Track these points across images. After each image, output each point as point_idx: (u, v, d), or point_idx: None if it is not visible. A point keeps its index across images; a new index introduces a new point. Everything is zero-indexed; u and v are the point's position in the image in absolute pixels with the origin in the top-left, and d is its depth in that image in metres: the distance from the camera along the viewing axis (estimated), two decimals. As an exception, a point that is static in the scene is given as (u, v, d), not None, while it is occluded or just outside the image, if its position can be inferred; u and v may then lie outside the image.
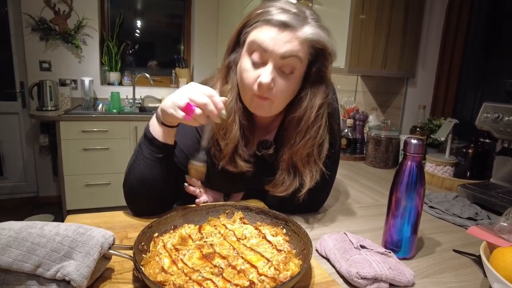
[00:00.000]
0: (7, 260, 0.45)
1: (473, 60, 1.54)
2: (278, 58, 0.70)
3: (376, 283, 0.59)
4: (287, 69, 0.72)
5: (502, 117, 1.03)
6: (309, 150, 0.77)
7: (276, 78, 0.72)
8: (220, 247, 0.61)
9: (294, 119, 0.78)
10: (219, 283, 0.51)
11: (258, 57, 0.72)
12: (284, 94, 0.75)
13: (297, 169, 0.79)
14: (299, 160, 0.78)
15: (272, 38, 0.69)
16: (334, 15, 1.65)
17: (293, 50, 0.70)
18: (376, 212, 0.97)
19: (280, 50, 0.69)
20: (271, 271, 0.54)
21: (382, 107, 1.94)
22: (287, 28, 0.69)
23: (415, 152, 0.66)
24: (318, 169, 0.79)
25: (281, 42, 0.69)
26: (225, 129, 0.79)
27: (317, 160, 0.79)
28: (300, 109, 0.76)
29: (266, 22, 0.70)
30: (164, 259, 0.56)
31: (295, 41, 0.70)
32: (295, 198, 0.79)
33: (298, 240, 0.64)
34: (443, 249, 0.76)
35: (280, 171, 0.81)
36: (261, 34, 0.70)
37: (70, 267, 0.47)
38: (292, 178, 0.80)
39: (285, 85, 0.73)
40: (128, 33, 3.54)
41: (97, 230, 0.53)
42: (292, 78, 0.73)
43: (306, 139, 0.76)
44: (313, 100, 0.76)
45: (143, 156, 0.74)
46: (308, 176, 0.78)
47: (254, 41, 0.71)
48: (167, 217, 0.69)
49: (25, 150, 3.25)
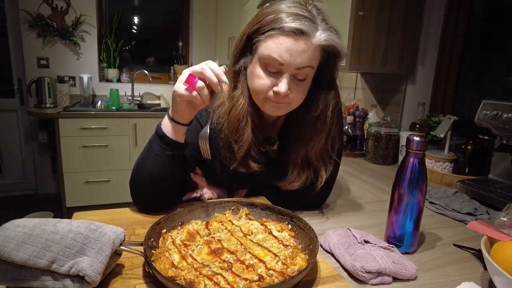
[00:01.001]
0: (23, 256, 0.46)
1: (472, 57, 1.55)
2: (294, 69, 0.72)
3: (380, 277, 0.60)
4: (300, 76, 0.74)
5: (501, 114, 1.05)
6: (324, 145, 0.82)
7: (291, 85, 0.74)
8: (227, 242, 0.63)
9: (311, 119, 0.81)
10: (228, 278, 0.52)
11: (274, 68, 0.73)
12: (300, 96, 0.77)
13: (311, 164, 0.84)
14: (313, 156, 0.83)
15: (288, 49, 0.69)
16: (335, 13, 1.66)
17: (306, 61, 0.71)
18: (377, 207, 0.98)
19: (296, 61, 0.70)
20: (279, 266, 0.55)
21: (382, 104, 1.96)
22: (302, 35, 0.69)
23: (417, 149, 0.68)
24: (331, 161, 0.85)
25: (296, 52, 0.70)
26: (238, 133, 0.80)
27: (331, 153, 0.84)
28: (317, 110, 0.80)
29: (280, 31, 0.69)
30: (173, 255, 0.57)
31: (310, 49, 0.71)
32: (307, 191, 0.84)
33: (304, 235, 0.65)
34: (444, 243, 0.78)
35: (293, 168, 0.85)
36: (276, 47, 0.70)
37: (83, 263, 0.48)
38: (306, 173, 0.84)
39: (299, 90, 0.76)
40: (126, 30, 3.53)
41: (108, 227, 0.54)
42: (305, 83, 0.76)
43: (322, 136, 0.81)
44: (328, 100, 0.79)
45: (153, 153, 0.75)
46: (323, 169, 0.84)
47: (269, 55, 0.71)
48: (174, 213, 0.70)
49: (24, 147, 3.25)
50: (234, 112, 0.80)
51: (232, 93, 0.81)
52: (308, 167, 0.84)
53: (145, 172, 0.76)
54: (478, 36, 1.53)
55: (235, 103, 0.80)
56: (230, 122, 0.81)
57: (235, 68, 0.80)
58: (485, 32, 1.51)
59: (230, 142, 0.82)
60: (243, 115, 0.79)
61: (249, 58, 0.78)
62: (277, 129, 0.90)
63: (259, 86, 0.75)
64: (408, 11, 1.63)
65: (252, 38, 0.75)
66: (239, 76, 0.80)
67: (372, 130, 1.57)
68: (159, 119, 3.01)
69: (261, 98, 0.77)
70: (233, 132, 0.81)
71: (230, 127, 0.81)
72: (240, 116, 0.79)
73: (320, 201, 0.95)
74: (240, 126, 0.80)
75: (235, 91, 0.80)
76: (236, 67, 0.80)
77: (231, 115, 0.80)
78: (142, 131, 2.90)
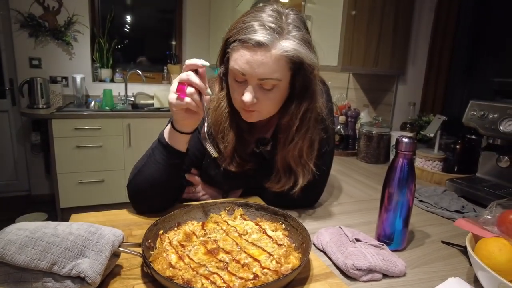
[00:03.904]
0: (24, 259, 0.47)
1: (461, 58, 1.59)
2: (256, 79, 0.73)
3: (370, 274, 0.63)
4: (267, 86, 0.75)
5: (487, 114, 1.08)
6: (299, 151, 0.82)
7: (258, 94, 0.75)
8: (223, 242, 0.65)
9: (282, 125, 0.83)
10: (225, 277, 0.54)
11: (240, 78, 0.76)
12: (270, 105, 0.79)
13: (291, 168, 0.85)
14: (291, 160, 0.84)
15: (248, 62, 0.71)
16: (327, 14, 1.68)
17: (268, 73, 0.72)
18: (369, 206, 1.01)
19: (256, 73, 0.72)
20: (273, 264, 0.57)
21: (374, 104, 1.99)
22: (260, 47, 0.70)
23: (406, 150, 0.70)
24: (309, 168, 0.84)
25: (256, 64, 0.71)
26: (222, 132, 0.84)
27: (308, 161, 0.84)
28: (287, 116, 0.81)
29: (241, 43, 0.71)
30: (171, 255, 0.59)
31: (270, 61, 0.70)
32: (290, 194, 0.84)
33: (297, 235, 0.68)
34: (433, 240, 0.81)
35: (276, 170, 0.86)
36: (238, 59, 0.72)
37: (84, 265, 0.50)
38: (287, 176, 0.85)
39: (268, 98, 0.77)
40: (119, 29, 3.51)
41: (107, 229, 0.56)
42: (274, 92, 0.76)
43: (294, 142, 0.82)
44: (299, 107, 0.80)
45: (155, 160, 0.77)
46: (301, 175, 0.84)
47: (233, 67, 0.74)
48: (171, 214, 0.71)
49: (16, 148, 3.22)
50: (218, 112, 0.85)
51: (217, 95, 0.86)
52: (289, 171, 0.85)
53: (145, 178, 0.78)
54: (467, 38, 1.57)
55: (219, 104, 0.85)
56: (214, 122, 0.86)
57: (219, 73, 0.85)
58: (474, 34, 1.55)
59: (217, 141, 0.86)
60: (226, 116, 0.84)
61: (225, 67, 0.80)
62: (270, 129, 0.92)
63: (232, 93, 0.80)
64: (398, 12, 1.66)
65: (226, 47, 0.78)
66: (222, 80, 0.85)
67: (364, 130, 1.59)
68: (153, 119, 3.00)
69: (237, 105, 0.81)
70: (218, 131, 0.85)
71: (215, 127, 0.86)
72: (223, 116, 0.84)
73: (312, 200, 0.97)
74: (224, 126, 0.84)
75: (220, 93, 0.86)
76: (219, 73, 0.85)
77: (216, 114, 0.85)
78: (136, 131, 2.90)
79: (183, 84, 0.69)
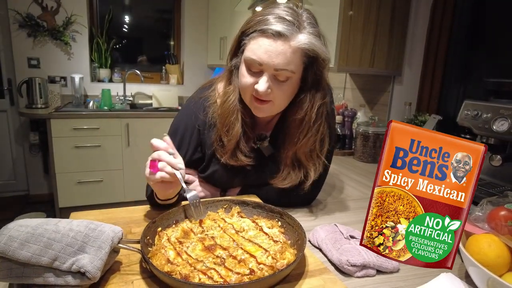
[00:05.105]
0: (26, 255, 0.49)
1: (456, 58, 1.60)
2: (272, 69, 0.75)
3: (364, 270, 0.64)
4: (281, 78, 0.77)
5: (481, 114, 1.10)
6: (312, 146, 0.85)
7: (272, 84, 0.78)
8: (220, 239, 0.66)
9: (296, 120, 0.84)
10: (222, 272, 0.55)
11: (255, 68, 0.77)
12: (282, 97, 0.81)
13: (301, 163, 0.87)
14: (302, 155, 0.86)
15: (266, 51, 0.74)
16: (324, 15, 1.70)
17: (284, 63, 0.74)
18: (364, 204, 1.03)
19: (273, 62, 0.74)
20: (269, 260, 0.59)
21: (370, 104, 2.01)
22: (280, 37, 0.73)
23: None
24: (320, 162, 0.88)
25: (274, 54, 0.74)
26: (227, 126, 0.86)
27: (320, 154, 0.87)
28: (302, 111, 0.83)
29: (262, 32, 0.74)
30: (169, 251, 0.60)
31: (288, 51, 0.74)
32: (300, 189, 0.87)
33: (293, 232, 0.69)
34: (426, 238, 0.82)
35: (284, 166, 0.89)
36: (256, 48, 0.75)
37: (84, 260, 0.51)
38: (297, 172, 0.88)
39: (281, 90, 0.79)
40: (118, 29, 3.52)
41: (107, 225, 0.57)
42: (287, 84, 0.79)
43: (308, 136, 0.84)
44: (313, 102, 0.83)
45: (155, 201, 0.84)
46: (312, 169, 0.87)
47: (250, 57, 0.76)
48: (169, 212, 0.73)
49: (14, 148, 3.22)
50: (225, 105, 0.86)
51: (225, 89, 0.88)
52: (299, 166, 0.88)
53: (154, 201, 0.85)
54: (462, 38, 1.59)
55: (227, 98, 0.86)
56: (221, 115, 0.87)
57: (230, 66, 0.86)
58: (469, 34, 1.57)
59: (220, 135, 0.88)
60: (233, 110, 0.85)
61: (239, 59, 0.83)
62: (271, 127, 0.94)
63: (243, 84, 0.80)
64: (394, 12, 1.67)
65: (242, 39, 0.80)
66: (232, 74, 0.87)
67: (361, 129, 1.61)
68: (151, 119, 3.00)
69: (247, 98, 0.83)
70: (224, 125, 0.87)
71: (221, 120, 0.87)
72: (230, 110, 0.86)
73: (309, 199, 0.99)
74: (230, 120, 0.86)
75: (229, 87, 0.87)
76: (229, 65, 0.86)
77: (223, 108, 0.87)
78: (134, 131, 2.91)
79: (154, 161, 0.72)
